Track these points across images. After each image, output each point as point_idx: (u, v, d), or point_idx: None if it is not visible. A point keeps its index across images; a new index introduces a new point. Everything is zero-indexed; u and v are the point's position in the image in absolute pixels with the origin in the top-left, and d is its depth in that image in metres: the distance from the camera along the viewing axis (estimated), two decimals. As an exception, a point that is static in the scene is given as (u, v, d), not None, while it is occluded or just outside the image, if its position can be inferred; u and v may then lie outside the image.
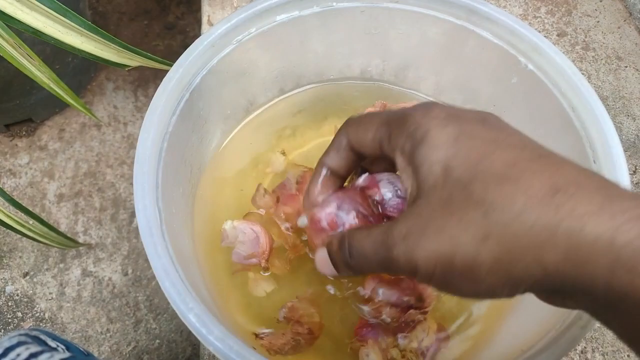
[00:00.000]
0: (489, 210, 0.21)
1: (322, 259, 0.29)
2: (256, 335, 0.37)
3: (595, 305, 0.21)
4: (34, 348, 0.38)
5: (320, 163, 0.31)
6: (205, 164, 0.45)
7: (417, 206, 0.24)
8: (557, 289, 0.21)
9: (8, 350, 0.37)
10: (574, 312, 0.31)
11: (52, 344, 0.39)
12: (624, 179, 0.33)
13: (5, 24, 0.44)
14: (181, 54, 0.38)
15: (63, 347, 0.40)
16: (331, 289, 0.37)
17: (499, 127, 0.24)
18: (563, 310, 0.31)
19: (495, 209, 0.21)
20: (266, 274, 0.40)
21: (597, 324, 0.42)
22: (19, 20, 0.42)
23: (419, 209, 0.24)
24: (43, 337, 0.39)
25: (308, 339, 0.36)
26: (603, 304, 0.20)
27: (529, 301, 0.38)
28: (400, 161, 0.26)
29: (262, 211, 0.40)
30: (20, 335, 0.38)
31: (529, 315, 0.36)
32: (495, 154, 0.22)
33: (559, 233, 0.20)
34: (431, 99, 0.48)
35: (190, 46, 0.38)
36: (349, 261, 0.27)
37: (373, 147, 0.28)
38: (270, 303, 0.40)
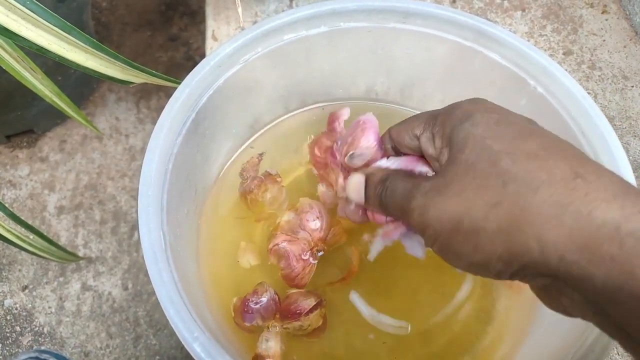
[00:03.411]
0: (508, 181, 0.22)
1: (357, 183, 0.31)
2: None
3: (591, 298, 0.21)
4: None
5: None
6: (209, 184, 0.44)
7: (445, 170, 0.25)
8: (552, 275, 0.21)
9: None
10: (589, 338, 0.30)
11: None
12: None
13: (11, 41, 0.43)
14: (184, 66, 0.38)
15: None
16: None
17: (544, 130, 0.25)
18: (577, 335, 0.31)
19: (515, 180, 0.22)
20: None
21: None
22: (23, 38, 0.42)
23: (445, 172, 0.25)
24: None
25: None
26: (600, 296, 0.20)
27: (543, 330, 0.37)
28: (438, 143, 0.28)
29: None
30: (31, 358, 0.38)
31: (543, 346, 0.35)
32: (531, 138, 0.24)
33: (568, 212, 0.21)
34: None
35: (197, 66, 0.38)
36: (382, 197, 0.29)
37: (411, 143, 0.30)
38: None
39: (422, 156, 0.31)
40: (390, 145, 0.32)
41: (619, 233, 0.20)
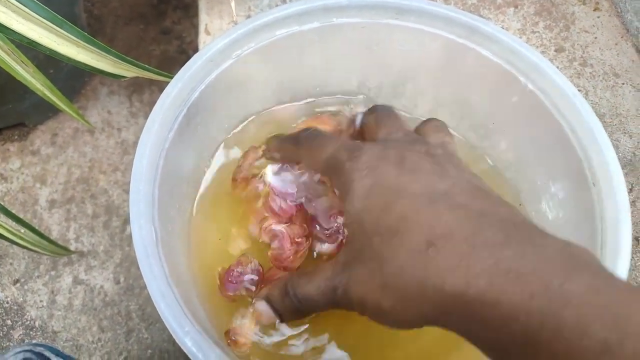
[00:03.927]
0: (383, 264, 0.24)
1: (263, 310, 0.32)
2: None
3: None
4: None
5: None
6: (201, 178, 0.44)
7: (346, 254, 0.27)
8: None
9: None
10: None
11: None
12: (623, 205, 0.33)
13: (1, 34, 0.43)
14: (177, 60, 0.38)
15: None
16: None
17: (412, 168, 0.26)
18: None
19: (387, 263, 0.24)
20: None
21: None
22: (14, 31, 0.42)
23: (347, 257, 0.27)
24: (47, 353, 0.39)
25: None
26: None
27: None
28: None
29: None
30: (25, 351, 0.38)
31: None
32: (394, 206, 0.25)
33: (429, 289, 0.22)
34: (428, 115, 0.48)
35: (189, 61, 0.38)
36: (299, 306, 0.30)
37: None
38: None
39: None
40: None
41: (466, 299, 0.21)
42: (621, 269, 0.31)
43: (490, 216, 0.23)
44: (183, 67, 0.37)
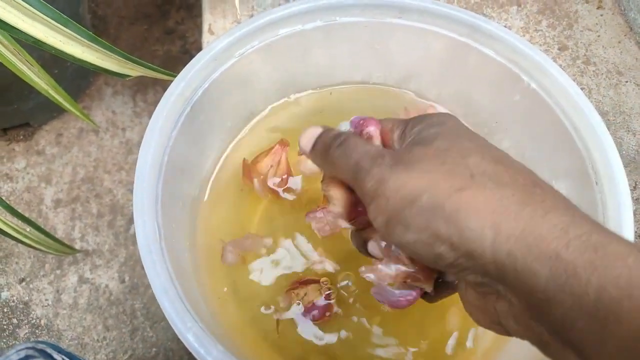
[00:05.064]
0: (476, 174, 0.23)
1: (310, 132, 0.30)
2: None
3: (531, 299, 0.22)
4: None
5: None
6: (205, 176, 0.44)
7: (411, 149, 0.26)
8: (494, 271, 0.22)
9: None
10: None
11: (58, 357, 0.40)
12: (626, 203, 0.33)
13: (7, 33, 0.43)
14: (181, 60, 0.38)
15: None
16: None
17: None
18: None
19: (483, 175, 0.23)
20: None
21: None
22: (20, 30, 0.42)
23: (412, 150, 0.26)
24: (49, 350, 0.39)
25: None
26: (541, 295, 0.21)
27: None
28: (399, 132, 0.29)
29: None
30: (28, 348, 0.39)
31: None
32: (495, 148, 0.26)
33: (526, 210, 0.22)
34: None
35: (192, 60, 0.38)
36: (331, 150, 0.28)
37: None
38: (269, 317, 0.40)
39: None
40: None
41: (567, 235, 0.21)
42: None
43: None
44: (187, 66, 0.38)
